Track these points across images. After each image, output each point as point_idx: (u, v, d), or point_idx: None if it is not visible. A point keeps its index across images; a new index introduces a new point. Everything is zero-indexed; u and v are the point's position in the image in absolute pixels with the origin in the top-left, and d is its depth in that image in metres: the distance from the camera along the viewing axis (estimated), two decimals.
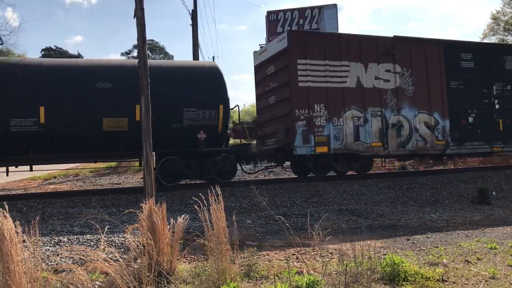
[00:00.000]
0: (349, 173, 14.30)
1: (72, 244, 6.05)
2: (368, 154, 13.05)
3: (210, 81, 12.22)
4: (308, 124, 12.17)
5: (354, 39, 13.14)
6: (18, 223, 3.63)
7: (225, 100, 12.20)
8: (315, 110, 12.30)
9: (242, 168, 13.40)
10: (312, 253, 5.80)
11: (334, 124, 12.45)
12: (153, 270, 4.18)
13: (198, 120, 11.72)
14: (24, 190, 14.19)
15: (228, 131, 13.01)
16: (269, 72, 13.56)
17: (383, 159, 15.58)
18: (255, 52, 14.93)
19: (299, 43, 12.43)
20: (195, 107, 11.67)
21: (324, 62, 12.56)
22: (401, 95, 13.33)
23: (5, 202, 4.19)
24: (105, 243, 4.05)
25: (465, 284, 4.46)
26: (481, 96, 14.49)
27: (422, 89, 13.62)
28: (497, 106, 14.63)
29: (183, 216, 4.81)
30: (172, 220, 4.74)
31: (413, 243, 6.55)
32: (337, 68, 12.70)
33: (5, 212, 3.59)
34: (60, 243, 6.39)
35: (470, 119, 14.23)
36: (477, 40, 34.13)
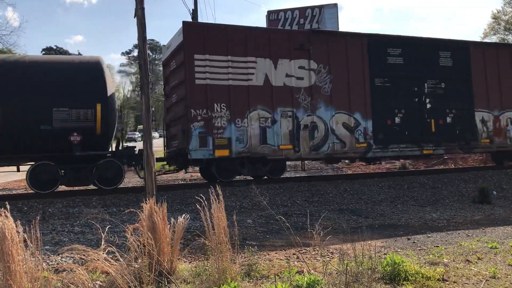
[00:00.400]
0: (344, 173, 14.26)
1: (72, 243, 6.05)
2: (276, 158, 11.97)
3: (85, 78, 11.02)
4: (206, 125, 11.10)
5: (262, 33, 12.13)
6: (19, 222, 3.64)
7: (104, 98, 10.95)
8: (215, 110, 11.22)
9: (138, 173, 12.27)
10: (313, 253, 5.80)
11: (237, 125, 11.37)
12: (153, 270, 4.18)
13: (71, 121, 10.57)
14: (24, 190, 14.17)
15: (121, 133, 12.02)
16: (172, 68, 12.70)
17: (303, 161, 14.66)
18: (163, 46, 14.04)
19: (197, 36, 11.29)
20: (66, 106, 10.55)
21: (226, 57, 11.45)
22: (317, 94, 12.30)
23: (7, 202, 4.19)
24: (106, 242, 4.05)
25: (465, 283, 4.46)
26: (411, 95, 13.49)
27: (342, 87, 12.59)
28: (428, 106, 13.65)
29: (183, 215, 4.82)
30: (172, 220, 4.74)
31: (414, 242, 6.55)
32: (241, 65, 11.61)
33: (6, 211, 3.60)
34: (61, 243, 6.40)
35: (397, 120, 13.21)
36: (478, 39, 34.11)
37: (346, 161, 17.55)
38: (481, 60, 14.57)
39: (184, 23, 11.45)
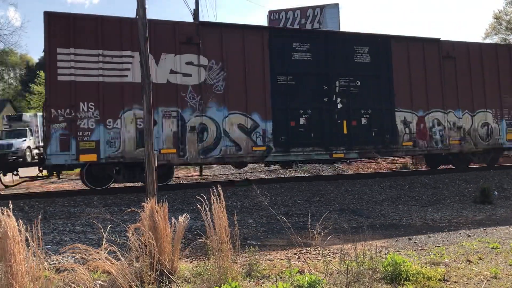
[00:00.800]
0: (345, 173, 14.22)
1: (74, 243, 6.06)
2: (157, 163, 11.29)
3: None
4: (69, 127, 9.99)
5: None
6: (21, 222, 3.65)
7: None
8: (81, 110, 10.13)
9: (0, 180, 11.66)
10: (314, 253, 5.80)
11: (108, 127, 10.26)
12: (154, 269, 4.18)
13: None
14: (26, 189, 14.20)
15: None
16: None
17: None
18: None
19: (61, 28, 10.19)
20: None
21: (97, 51, 10.37)
22: (207, 92, 11.19)
23: (9, 201, 4.20)
24: (107, 242, 4.06)
25: (466, 283, 4.45)
26: (319, 94, 12.30)
27: (238, 85, 11.47)
28: (339, 106, 12.44)
29: (184, 215, 4.82)
30: (173, 219, 4.75)
31: (415, 242, 6.55)
32: (115, 60, 10.51)
33: (8, 211, 3.61)
34: (62, 242, 6.41)
35: (303, 121, 12.06)
36: (479, 39, 34.02)
37: (346, 162, 17.38)
38: (404, 56, 13.43)
39: (45, 13, 10.22)
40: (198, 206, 4.64)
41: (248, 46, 11.67)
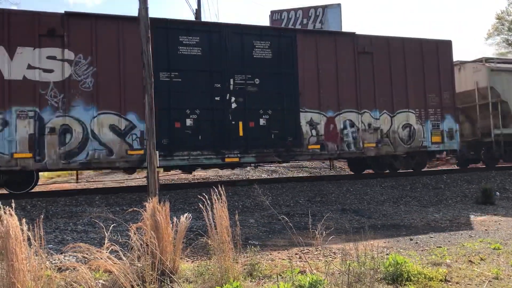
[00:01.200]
0: (346, 173, 14.19)
1: (75, 242, 6.08)
2: (8, 169, 9.77)
3: None
4: None
5: None
6: (23, 221, 3.66)
7: None
8: None
9: None
10: (315, 253, 5.80)
11: None
12: (156, 269, 4.19)
13: None
14: None
15: None
16: None
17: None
18: None
19: None
20: None
21: None
22: (73, 90, 10.15)
23: (12, 200, 4.22)
24: (109, 241, 4.07)
25: (468, 284, 4.45)
26: (211, 93, 11.22)
27: (110, 82, 10.39)
28: (234, 105, 11.36)
29: (186, 215, 4.83)
30: (175, 219, 4.76)
31: (416, 243, 6.54)
32: None
33: (10, 210, 3.62)
34: (64, 242, 6.42)
35: (190, 122, 10.97)
36: (481, 40, 33.91)
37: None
38: (312, 52, 12.30)
39: None
40: (200, 205, 4.65)
41: (125, 39, 10.56)
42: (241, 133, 11.40)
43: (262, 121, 11.66)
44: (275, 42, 11.96)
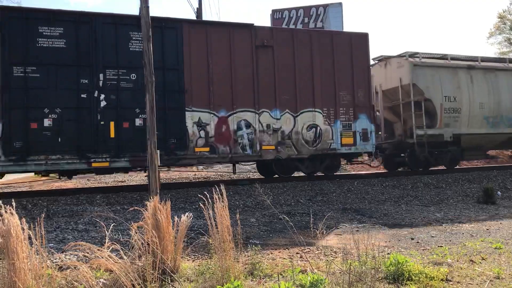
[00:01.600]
0: (352, 172, 14.17)
1: (76, 241, 6.09)
2: None
3: None
4: None
5: None
6: (24, 220, 3.66)
7: None
8: None
9: None
10: (316, 252, 5.80)
11: None
12: (157, 268, 4.19)
13: None
14: (29, 187, 14.25)
15: None
16: None
17: None
18: None
19: None
20: None
21: None
22: None
23: (12, 199, 4.22)
24: (110, 240, 4.07)
25: (469, 283, 4.44)
26: (75, 89, 10.10)
27: None
28: (103, 103, 10.23)
29: (187, 214, 4.83)
30: (176, 218, 4.75)
31: (417, 242, 6.54)
32: None
33: (11, 209, 3.62)
34: (65, 240, 6.43)
35: (49, 122, 9.85)
36: (483, 39, 33.88)
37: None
38: (202, 45, 11.19)
39: None
40: (201, 205, 4.65)
41: None
42: (112, 135, 10.28)
43: (138, 121, 10.52)
44: (158, 33, 10.60)
